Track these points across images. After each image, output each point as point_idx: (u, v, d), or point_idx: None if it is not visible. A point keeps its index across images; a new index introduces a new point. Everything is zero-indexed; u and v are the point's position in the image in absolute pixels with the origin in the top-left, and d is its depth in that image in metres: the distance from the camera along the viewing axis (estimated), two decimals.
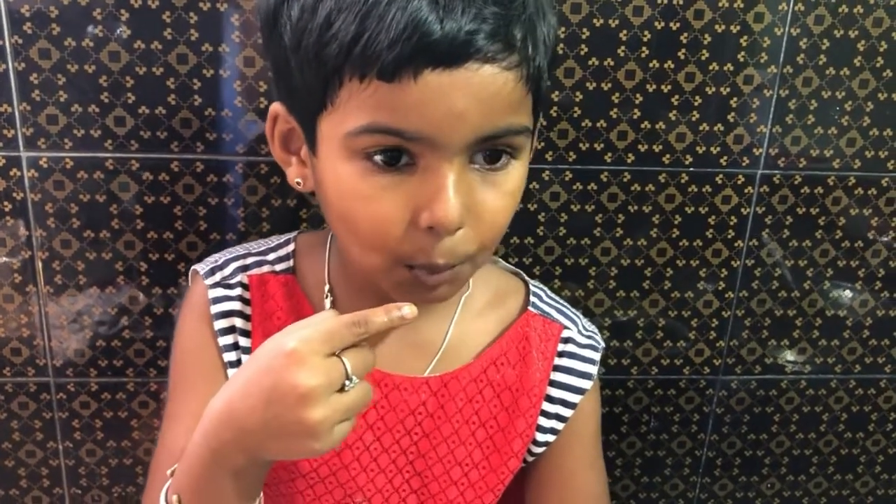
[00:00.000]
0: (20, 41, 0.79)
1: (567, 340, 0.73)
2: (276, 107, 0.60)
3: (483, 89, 0.50)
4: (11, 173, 0.83)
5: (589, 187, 0.90)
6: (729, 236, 0.94)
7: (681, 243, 0.93)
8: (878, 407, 1.05)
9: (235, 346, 0.68)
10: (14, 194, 0.84)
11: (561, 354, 0.73)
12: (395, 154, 0.53)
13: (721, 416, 1.03)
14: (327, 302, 0.68)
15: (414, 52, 0.48)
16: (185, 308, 0.73)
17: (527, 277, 0.77)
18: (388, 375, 0.68)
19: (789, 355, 1.01)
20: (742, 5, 0.84)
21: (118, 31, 0.79)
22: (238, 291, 0.69)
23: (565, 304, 0.76)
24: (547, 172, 0.88)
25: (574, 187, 0.89)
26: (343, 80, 0.51)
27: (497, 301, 0.73)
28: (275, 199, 0.87)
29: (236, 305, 0.69)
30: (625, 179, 0.90)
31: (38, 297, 0.88)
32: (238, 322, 0.69)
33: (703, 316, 0.97)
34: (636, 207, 0.91)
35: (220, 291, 0.69)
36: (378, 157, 0.53)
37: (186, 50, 0.81)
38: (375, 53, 0.48)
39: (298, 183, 0.61)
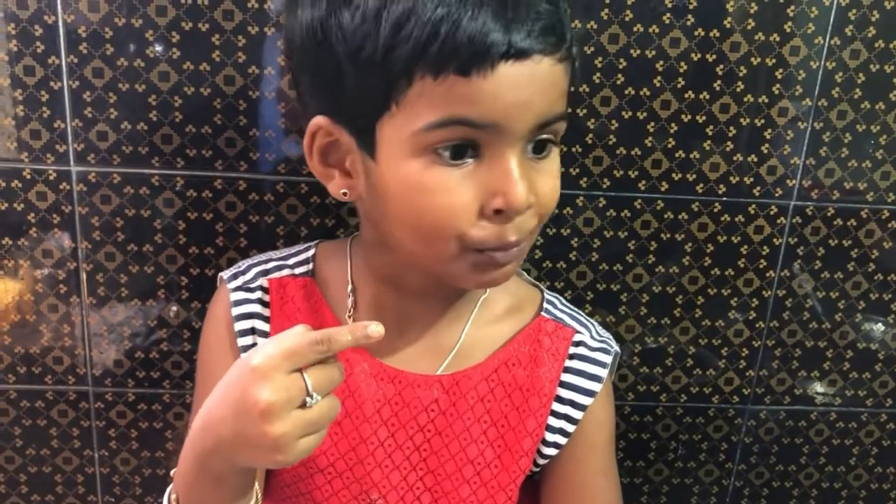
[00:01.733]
0: (75, 60, 0.82)
1: (578, 344, 0.74)
2: (319, 120, 0.61)
3: (544, 79, 0.55)
4: (61, 187, 0.86)
5: (622, 214, 0.91)
6: (761, 266, 0.94)
7: (712, 272, 0.94)
8: None
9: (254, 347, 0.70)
10: (63, 207, 0.87)
11: (572, 357, 0.74)
12: (462, 147, 0.57)
13: (749, 445, 1.03)
14: (349, 301, 0.71)
15: (490, 47, 0.52)
16: (208, 312, 0.77)
17: (544, 288, 0.78)
18: (402, 373, 0.70)
19: (819, 387, 1.01)
20: (778, 38, 0.85)
21: (168, 53, 0.82)
22: (258, 294, 0.73)
23: (579, 312, 0.78)
24: (581, 198, 0.90)
25: (608, 213, 0.91)
26: (413, 79, 0.54)
27: (514, 309, 0.75)
28: (314, 219, 0.89)
29: (256, 308, 0.72)
30: (658, 207, 0.91)
31: (81, 307, 0.91)
32: (257, 324, 0.72)
33: (733, 345, 0.98)
34: (669, 235, 0.92)
35: (241, 294, 0.73)
36: (445, 152, 0.56)
37: (233, 72, 0.83)
38: (454, 50, 0.52)
39: (345, 193, 0.63)
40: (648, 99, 0.86)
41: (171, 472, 0.64)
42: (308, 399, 0.53)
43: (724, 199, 0.91)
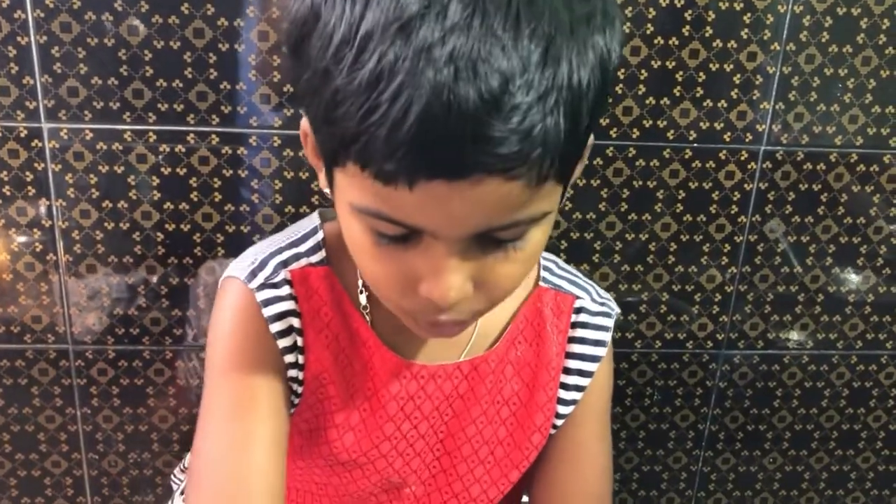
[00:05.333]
0: (42, 15, 0.81)
1: (579, 310, 0.73)
2: (305, 128, 0.56)
3: (484, 196, 0.45)
4: (33, 144, 0.86)
5: (594, 162, 0.92)
6: (732, 212, 0.95)
7: (684, 218, 0.95)
8: (879, 383, 1.07)
9: (294, 347, 0.66)
10: (35, 164, 0.87)
11: (574, 326, 0.73)
12: (401, 236, 0.51)
13: (724, 390, 1.05)
14: (363, 297, 0.67)
15: (411, 165, 0.44)
16: (225, 314, 0.66)
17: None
18: (424, 367, 0.68)
19: (791, 331, 1.03)
20: None
21: (136, 6, 0.82)
22: (287, 290, 0.66)
23: (578, 274, 0.76)
24: None
25: None
26: (349, 160, 0.47)
27: None
28: (287, 172, 0.89)
29: (290, 305, 0.66)
30: (629, 155, 0.92)
31: (58, 266, 0.91)
32: (295, 322, 0.66)
33: (706, 291, 0.99)
34: (641, 182, 0.93)
35: (270, 293, 0.65)
36: (382, 236, 0.51)
37: (203, 24, 0.83)
38: (372, 157, 0.45)
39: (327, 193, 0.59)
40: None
41: None
42: None
43: (695, 145, 0.92)
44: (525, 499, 0.80)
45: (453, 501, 0.73)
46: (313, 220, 0.70)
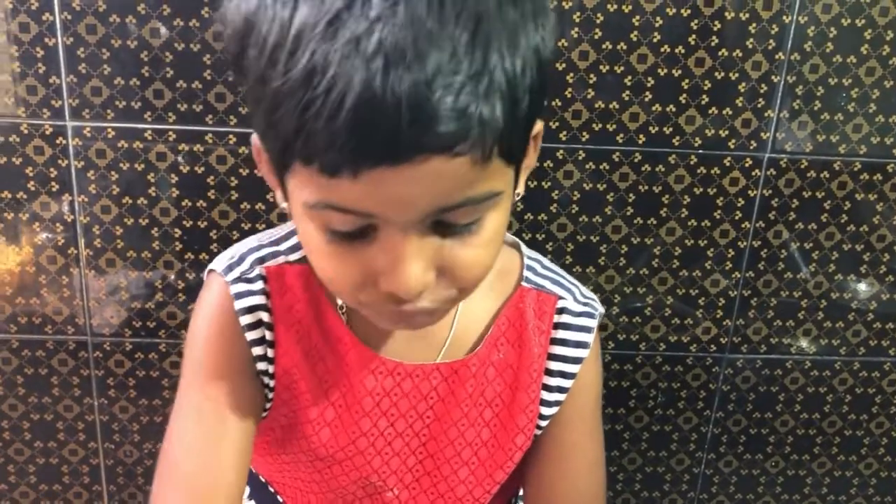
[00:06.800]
0: (69, 17, 0.84)
1: (562, 311, 0.72)
2: (256, 143, 0.57)
3: (430, 176, 0.46)
4: (58, 141, 0.89)
5: (601, 167, 0.94)
6: (736, 217, 0.97)
7: (689, 223, 0.97)
8: (882, 389, 1.08)
9: (262, 340, 0.68)
10: (59, 161, 0.90)
11: (556, 327, 0.72)
12: (354, 230, 0.51)
13: (727, 393, 1.07)
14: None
15: (352, 153, 0.45)
16: (204, 308, 0.69)
17: (524, 249, 0.74)
18: (400, 364, 0.69)
19: (794, 336, 1.04)
20: None
21: (159, 9, 0.85)
22: (260, 285, 0.67)
23: (562, 273, 0.75)
24: (561, 151, 0.93)
25: (587, 166, 0.94)
26: (294, 161, 0.48)
27: (497, 279, 0.72)
28: None
29: (261, 299, 0.67)
30: (636, 160, 0.94)
31: (79, 259, 0.94)
32: (264, 316, 0.68)
33: (710, 295, 1.01)
34: (646, 187, 0.95)
35: (242, 287, 0.67)
36: (336, 233, 0.52)
37: (222, 28, 0.85)
38: (315, 152, 0.46)
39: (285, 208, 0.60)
40: (625, 53, 0.89)
41: None
42: None
43: (700, 151, 0.94)
44: (522, 493, 0.81)
45: (439, 502, 0.73)
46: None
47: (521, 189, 0.59)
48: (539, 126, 0.56)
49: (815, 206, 0.97)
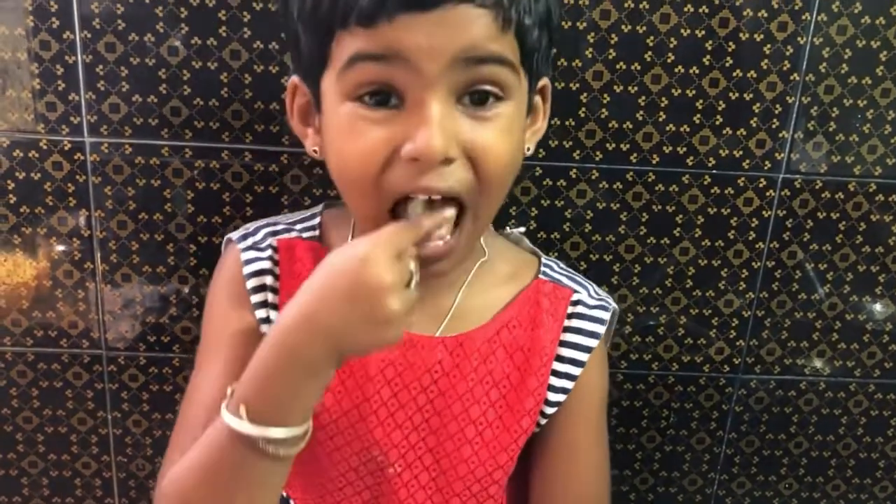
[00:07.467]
0: (89, 35, 0.85)
1: (577, 303, 0.77)
2: (294, 79, 0.67)
3: (457, 22, 0.55)
4: (76, 157, 0.90)
5: (614, 186, 0.94)
6: (750, 238, 0.97)
7: (703, 243, 0.97)
8: None
9: (265, 304, 0.73)
10: (77, 177, 0.91)
11: (570, 316, 0.76)
12: (385, 95, 0.59)
13: (740, 414, 1.06)
14: None
15: (385, 2, 0.54)
16: (217, 273, 0.77)
17: (542, 254, 0.80)
18: (406, 333, 0.71)
19: (808, 357, 1.04)
20: (766, 15, 0.87)
21: (177, 28, 0.86)
22: (269, 253, 0.74)
23: (577, 274, 0.80)
24: (574, 170, 0.93)
25: (600, 185, 0.94)
26: (335, 34, 0.58)
27: (513, 275, 0.77)
28: (316, 189, 0.93)
29: (267, 265, 0.74)
30: (649, 179, 0.94)
31: (95, 274, 0.95)
32: (268, 280, 0.73)
33: (723, 315, 1.01)
34: (660, 207, 0.95)
35: (252, 254, 0.74)
36: (368, 98, 0.59)
37: (239, 46, 0.87)
38: (353, 7, 0.55)
39: (315, 151, 0.68)
40: (639, 73, 0.89)
41: (229, 389, 0.61)
42: (412, 281, 0.58)
43: (714, 171, 0.94)
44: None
45: (440, 479, 0.74)
46: (317, 208, 0.80)
47: (530, 146, 0.68)
48: (545, 81, 0.67)
49: (830, 226, 0.97)
